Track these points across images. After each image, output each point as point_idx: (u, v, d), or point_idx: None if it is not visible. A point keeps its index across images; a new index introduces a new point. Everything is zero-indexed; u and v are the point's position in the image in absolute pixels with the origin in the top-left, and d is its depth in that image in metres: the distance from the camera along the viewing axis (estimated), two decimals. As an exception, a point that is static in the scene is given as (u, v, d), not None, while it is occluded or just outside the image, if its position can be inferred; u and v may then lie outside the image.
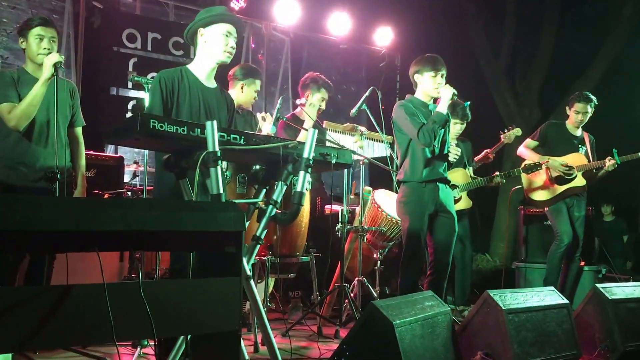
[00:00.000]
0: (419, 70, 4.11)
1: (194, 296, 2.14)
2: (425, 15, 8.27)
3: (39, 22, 3.47)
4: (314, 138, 2.81)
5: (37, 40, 3.43)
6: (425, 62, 4.10)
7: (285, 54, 7.44)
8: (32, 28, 3.43)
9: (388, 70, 7.94)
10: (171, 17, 6.61)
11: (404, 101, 4.17)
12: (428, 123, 3.95)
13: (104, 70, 6.13)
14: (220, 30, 3.13)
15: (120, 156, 5.35)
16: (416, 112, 4.04)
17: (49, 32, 3.46)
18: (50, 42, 3.46)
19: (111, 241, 2.18)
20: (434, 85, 4.05)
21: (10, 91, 3.38)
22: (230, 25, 3.16)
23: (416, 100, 4.14)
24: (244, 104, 4.51)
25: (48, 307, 1.82)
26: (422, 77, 4.10)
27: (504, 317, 3.00)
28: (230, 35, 3.16)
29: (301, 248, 4.25)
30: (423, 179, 4.03)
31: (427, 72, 4.06)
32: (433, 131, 3.93)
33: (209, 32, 3.15)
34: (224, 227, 2.20)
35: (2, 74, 3.48)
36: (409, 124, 4.00)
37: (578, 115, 5.27)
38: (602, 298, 3.48)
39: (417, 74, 4.13)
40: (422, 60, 4.12)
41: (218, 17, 3.15)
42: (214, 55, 3.16)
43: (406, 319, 2.72)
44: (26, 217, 1.77)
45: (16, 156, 3.41)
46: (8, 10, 5.75)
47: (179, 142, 2.55)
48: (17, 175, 3.41)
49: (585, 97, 5.28)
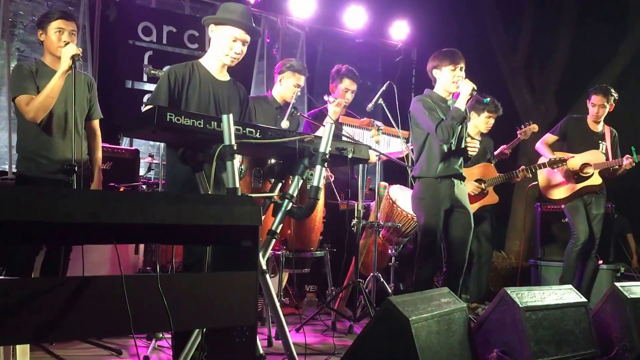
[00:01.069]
0: (437, 65, 4.06)
1: (210, 290, 2.13)
2: (442, 9, 8.20)
3: (59, 15, 3.48)
4: (331, 132, 2.79)
5: (57, 33, 3.44)
6: (444, 56, 4.05)
7: (300, 48, 7.41)
8: (52, 21, 3.45)
9: (404, 64, 7.88)
10: (187, 10, 6.60)
11: (422, 95, 4.13)
12: (447, 119, 3.91)
13: (119, 63, 6.13)
14: (229, 34, 3.12)
15: (136, 149, 5.36)
16: (435, 107, 4.00)
17: (69, 25, 3.47)
18: (70, 35, 3.47)
19: (128, 234, 2.18)
20: (452, 79, 4.00)
21: (28, 83, 3.40)
22: (241, 31, 3.14)
23: (435, 95, 4.10)
24: (285, 97, 4.50)
25: (65, 299, 1.82)
26: (441, 71, 4.05)
27: (521, 315, 2.97)
28: (238, 40, 3.13)
29: (315, 243, 4.23)
30: (438, 174, 4.00)
31: (446, 66, 4.01)
32: (452, 127, 3.89)
33: (218, 32, 3.16)
34: (241, 221, 2.19)
35: (20, 67, 3.50)
36: (427, 119, 3.96)
37: (594, 108, 5.20)
38: (620, 297, 3.43)
39: (436, 69, 4.08)
40: (440, 55, 4.07)
41: (231, 21, 3.12)
42: (218, 55, 3.18)
43: (422, 315, 2.69)
44: (44, 209, 1.77)
45: (35, 148, 3.44)
46: (24, 3, 5.77)
47: (195, 135, 2.55)
48: (36, 167, 3.43)
49: (603, 90, 5.19)
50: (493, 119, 5.20)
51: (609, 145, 5.24)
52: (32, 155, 3.45)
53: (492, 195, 5.21)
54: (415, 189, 4.14)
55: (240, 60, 3.24)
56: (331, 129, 2.78)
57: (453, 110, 3.93)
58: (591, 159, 5.14)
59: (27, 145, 3.46)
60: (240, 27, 3.14)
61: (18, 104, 3.40)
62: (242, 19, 3.14)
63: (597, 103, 5.19)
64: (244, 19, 3.15)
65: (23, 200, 1.75)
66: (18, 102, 3.39)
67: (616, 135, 5.32)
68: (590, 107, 5.24)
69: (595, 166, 5.12)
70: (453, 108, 3.95)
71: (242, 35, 3.15)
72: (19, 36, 5.76)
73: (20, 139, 3.51)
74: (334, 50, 7.61)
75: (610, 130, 5.30)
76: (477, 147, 4.13)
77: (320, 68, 7.47)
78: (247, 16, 3.18)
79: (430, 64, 4.12)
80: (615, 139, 5.31)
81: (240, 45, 3.16)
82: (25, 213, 1.74)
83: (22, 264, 3.34)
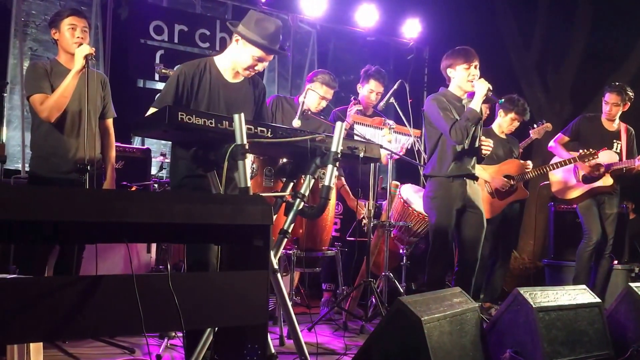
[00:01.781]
0: (451, 64, 4.03)
1: (222, 289, 2.13)
2: (454, 7, 8.13)
3: (71, 12, 3.51)
4: (342, 131, 2.78)
5: (70, 30, 3.46)
6: (457, 55, 4.01)
7: (311, 46, 7.40)
8: (64, 18, 3.46)
9: (416, 63, 7.85)
10: (198, 9, 6.61)
11: (436, 94, 4.09)
12: (461, 120, 3.87)
13: (131, 62, 6.15)
14: (254, 53, 3.04)
15: (148, 148, 5.37)
16: (449, 106, 3.97)
17: (81, 21, 3.49)
18: (82, 31, 3.48)
19: (140, 233, 2.19)
20: (467, 78, 3.97)
21: (43, 82, 3.41)
22: (268, 55, 3.07)
23: (449, 94, 4.06)
24: (309, 106, 4.49)
25: (78, 298, 1.83)
26: (455, 70, 4.01)
27: (535, 315, 2.94)
28: (261, 62, 3.08)
29: (327, 242, 4.22)
30: (450, 173, 3.97)
31: (460, 64, 3.97)
32: (466, 129, 3.85)
33: (243, 45, 3.05)
34: (252, 221, 2.19)
35: (35, 65, 3.52)
36: (442, 120, 3.92)
37: (607, 106, 5.14)
38: (635, 297, 3.39)
39: (450, 68, 4.04)
40: (454, 54, 4.03)
41: (260, 45, 3.01)
42: (237, 66, 3.12)
43: (434, 315, 2.67)
44: (57, 208, 1.78)
45: (49, 147, 3.46)
46: (37, 2, 5.80)
47: (206, 135, 2.55)
48: (49, 167, 3.45)
49: (618, 88, 5.11)
50: (518, 122, 5.16)
51: (624, 144, 5.16)
52: (45, 154, 3.47)
53: (521, 190, 5.18)
54: (426, 188, 4.11)
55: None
56: (342, 128, 2.77)
57: (468, 111, 3.89)
58: (604, 159, 5.08)
59: (41, 144, 3.48)
60: (268, 52, 3.05)
61: (32, 103, 3.42)
62: (272, 44, 3.03)
63: (610, 101, 5.12)
64: (273, 43, 3.04)
65: (36, 200, 1.76)
66: (32, 101, 3.42)
67: (633, 133, 5.24)
68: (604, 104, 5.18)
69: (606, 166, 5.06)
70: (468, 109, 3.91)
71: (266, 57, 3.08)
72: (31, 35, 5.79)
73: (34, 138, 3.54)
74: (346, 49, 7.59)
75: (627, 129, 5.22)
76: (491, 147, 4.09)
77: (331, 66, 7.45)
78: (277, 39, 3.07)
79: (444, 62, 4.08)
80: (632, 138, 5.23)
81: (262, 65, 3.11)
82: (38, 213, 1.75)
83: (35, 263, 3.36)
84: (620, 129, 5.21)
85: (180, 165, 3.08)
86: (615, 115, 5.16)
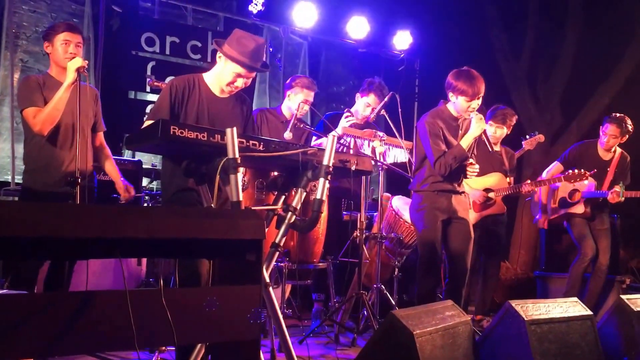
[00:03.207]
0: (454, 89, 3.94)
1: (214, 304, 2.12)
2: (444, 18, 8.19)
3: (65, 27, 3.52)
4: (334, 145, 2.78)
5: (63, 45, 3.47)
6: (463, 84, 3.89)
7: (303, 58, 7.42)
8: (58, 33, 3.47)
9: (407, 74, 7.88)
10: (189, 20, 6.62)
11: (433, 114, 4.07)
12: (448, 157, 3.90)
13: (122, 73, 6.15)
14: (235, 70, 3.13)
15: (139, 160, 5.36)
16: (441, 132, 3.98)
17: (75, 37, 3.50)
18: (76, 47, 3.49)
19: (132, 248, 2.17)
20: (465, 111, 3.96)
21: (36, 96, 3.41)
22: (248, 71, 3.14)
23: (447, 113, 4.06)
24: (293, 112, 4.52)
25: (69, 314, 1.82)
26: (456, 98, 3.95)
27: (526, 328, 2.95)
28: (241, 78, 3.15)
29: (318, 254, 4.22)
30: (435, 189, 4.02)
31: (461, 95, 3.91)
32: (450, 166, 3.90)
33: (225, 62, 3.16)
34: (245, 235, 2.18)
35: (28, 79, 3.53)
36: (429, 148, 3.96)
37: (605, 137, 5.08)
38: (626, 310, 3.41)
39: (452, 92, 3.97)
40: (460, 80, 3.91)
41: (239, 62, 3.10)
42: (220, 82, 3.21)
43: (426, 328, 2.67)
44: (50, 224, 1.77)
45: (42, 160, 3.46)
46: (28, 14, 5.78)
47: (199, 148, 2.55)
48: (42, 181, 3.43)
49: (618, 120, 5.06)
50: (501, 129, 5.07)
51: (612, 173, 5.15)
52: (38, 168, 3.46)
53: (499, 206, 5.13)
54: (412, 201, 4.16)
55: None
56: (334, 141, 2.77)
57: (456, 150, 3.91)
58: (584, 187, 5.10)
59: (34, 157, 3.48)
60: (248, 68, 3.13)
61: (25, 117, 3.42)
62: (252, 61, 3.10)
63: (609, 133, 5.06)
64: (254, 60, 3.11)
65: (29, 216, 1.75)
66: (25, 115, 3.41)
67: (628, 160, 5.21)
68: (602, 134, 5.11)
69: (584, 194, 5.08)
70: (457, 147, 3.93)
71: (247, 74, 3.16)
72: (22, 47, 5.77)
73: (27, 151, 3.53)
74: (337, 60, 7.63)
75: (621, 156, 5.19)
76: (476, 172, 4.07)
77: (322, 77, 7.49)
78: (258, 56, 3.13)
79: (449, 81, 3.96)
80: (625, 164, 5.20)
81: (242, 81, 3.18)
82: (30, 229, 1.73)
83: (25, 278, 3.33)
84: (614, 155, 5.19)
85: (172, 178, 3.10)
86: (613, 146, 5.14)
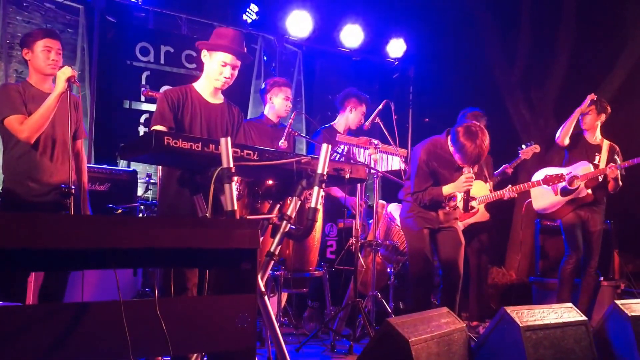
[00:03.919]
0: (457, 148, 3.94)
1: (209, 313, 2.13)
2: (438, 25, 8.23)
3: (45, 33, 3.47)
4: (328, 153, 2.79)
5: (44, 52, 3.42)
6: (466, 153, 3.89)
7: (297, 67, 7.44)
8: (38, 40, 3.43)
9: (401, 81, 7.92)
10: (184, 30, 6.62)
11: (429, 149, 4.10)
12: (425, 195, 4.02)
13: (117, 83, 6.15)
14: (220, 59, 3.24)
15: (134, 170, 5.35)
16: (429, 169, 4.06)
17: (56, 43, 3.47)
18: (57, 54, 3.46)
19: (127, 258, 2.18)
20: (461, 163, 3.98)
21: (18, 104, 3.36)
22: (231, 56, 3.25)
23: (446, 148, 4.09)
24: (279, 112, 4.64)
25: (64, 325, 1.82)
26: (456, 152, 3.97)
27: (522, 335, 2.95)
28: (228, 65, 3.24)
29: (314, 262, 4.22)
30: None
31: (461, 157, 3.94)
32: (424, 203, 4.03)
33: (210, 56, 3.28)
34: (240, 244, 2.19)
35: (7, 88, 3.49)
36: (414, 178, 4.07)
37: (584, 117, 5.20)
38: (621, 315, 3.42)
39: (454, 147, 3.96)
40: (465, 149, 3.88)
41: (221, 46, 3.24)
42: (209, 79, 3.30)
43: (422, 336, 2.68)
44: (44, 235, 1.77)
45: (22, 170, 3.39)
46: (22, 24, 5.78)
47: (193, 158, 2.56)
48: (25, 190, 3.37)
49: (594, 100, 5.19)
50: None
51: (605, 157, 5.20)
52: (19, 178, 3.39)
53: (482, 214, 5.15)
54: (401, 210, 4.23)
55: (231, 83, 3.33)
56: (328, 150, 2.79)
57: (435, 193, 4.01)
58: (578, 171, 5.13)
59: (15, 167, 3.40)
60: (230, 53, 3.24)
61: (9, 124, 3.34)
62: (232, 44, 3.24)
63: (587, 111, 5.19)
64: (234, 44, 3.25)
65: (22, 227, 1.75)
66: (9, 122, 3.33)
67: (616, 149, 5.26)
68: (581, 117, 5.23)
69: (582, 177, 5.10)
70: (437, 190, 4.01)
71: (232, 61, 3.26)
72: (16, 57, 5.76)
73: (6, 159, 3.45)
74: (331, 69, 7.64)
75: (611, 145, 5.27)
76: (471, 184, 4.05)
77: (317, 86, 7.50)
78: (238, 41, 3.28)
79: (457, 137, 3.93)
80: (614, 152, 5.26)
81: (229, 69, 3.26)
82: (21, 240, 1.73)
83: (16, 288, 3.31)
84: (602, 144, 5.26)
85: (168, 188, 3.13)
86: (591, 125, 5.21)
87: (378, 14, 7.70)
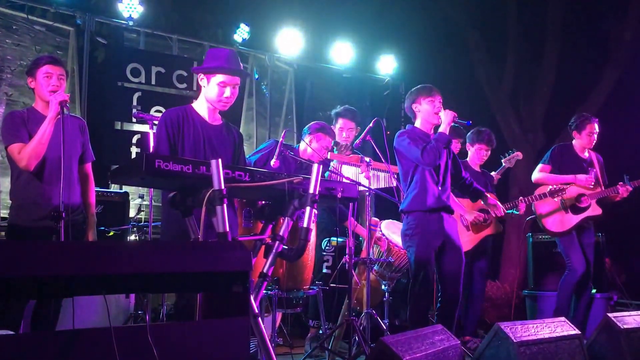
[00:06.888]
0: (414, 100, 4.18)
1: (202, 338, 2.12)
2: (428, 42, 8.32)
3: (47, 60, 3.52)
4: (319, 173, 2.80)
5: (45, 78, 3.47)
6: (420, 91, 4.17)
7: (289, 85, 7.49)
8: (40, 67, 3.48)
9: (392, 98, 7.98)
10: (175, 50, 6.65)
11: (404, 130, 4.24)
12: (431, 142, 3.99)
13: (108, 105, 6.15)
14: (218, 81, 3.20)
15: (126, 192, 5.34)
16: (418, 139, 4.07)
17: (57, 69, 3.51)
18: (58, 79, 3.50)
19: (117, 284, 2.17)
20: (433, 110, 4.09)
21: (20, 131, 3.41)
22: (229, 76, 3.21)
23: (418, 130, 4.17)
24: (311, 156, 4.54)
25: (56, 353, 1.81)
26: (420, 105, 4.15)
27: (516, 350, 2.96)
28: (227, 85, 3.21)
29: (308, 281, 4.21)
30: (427, 207, 4.02)
31: (424, 98, 4.13)
32: (437, 149, 3.94)
33: (208, 80, 3.23)
34: (231, 267, 2.19)
35: (12, 115, 3.52)
36: (412, 147, 4.02)
37: (592, 135, 5.16)
38: (614, 328, 3.42)
39: (415, 104, 4.18)
40: (416, 90, 4.20)
41: (217, 69, 3.20)
42: (211, 102, 3.26)
43: (416, 354, 2.67)
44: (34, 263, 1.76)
45: (28, 196, 3.43)
46: (12, 47, 5.80)
47: (184, 181, 2.56)
48: (27, 216, 3.41)
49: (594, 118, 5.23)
50: (486, 151, 5.26)
51: (598, 171, 5.23)
52: (25, 204, 3.43)
53: (495, 225, 5.20)
54: (404, 224, 4.16)
55: (233, 102, 3.31)
56: (319, 170, 2.80)
57: (437, 135, 4.03)
58: (586, 188, 5.13)
59: (20, 193, 3.45)
60: (227, 74, 3.20)
61: (11, 153, 3.41)
62: (228, 64, 3.20)
63: (594, 131, 5.16)
64: (230, 63, 3.21)
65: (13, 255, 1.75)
66: (10, 151, 3.41)
67: (601, 160, 5.32)
68: (586, 136, 5.16)
69: (591, 196, 5.09)
70: (437, 133, 4.05)
71: (230, 80, 3.21)
72: (6, 80, 5.77)
73: (13, 187, 3.50)
74: (323, 86, 7.69)
75: (597, 157, 5.31)
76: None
77: (308, 103, 7.54)
78: (234, 60, 3.23)
79: (408, 101, 4.23)
80: (602, 165, 5.31)
81: (229, 89, 3.23)
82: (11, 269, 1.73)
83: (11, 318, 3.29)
84: (592, 157, 5.29)
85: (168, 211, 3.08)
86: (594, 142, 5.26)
87: (368, 32, 7.78)
